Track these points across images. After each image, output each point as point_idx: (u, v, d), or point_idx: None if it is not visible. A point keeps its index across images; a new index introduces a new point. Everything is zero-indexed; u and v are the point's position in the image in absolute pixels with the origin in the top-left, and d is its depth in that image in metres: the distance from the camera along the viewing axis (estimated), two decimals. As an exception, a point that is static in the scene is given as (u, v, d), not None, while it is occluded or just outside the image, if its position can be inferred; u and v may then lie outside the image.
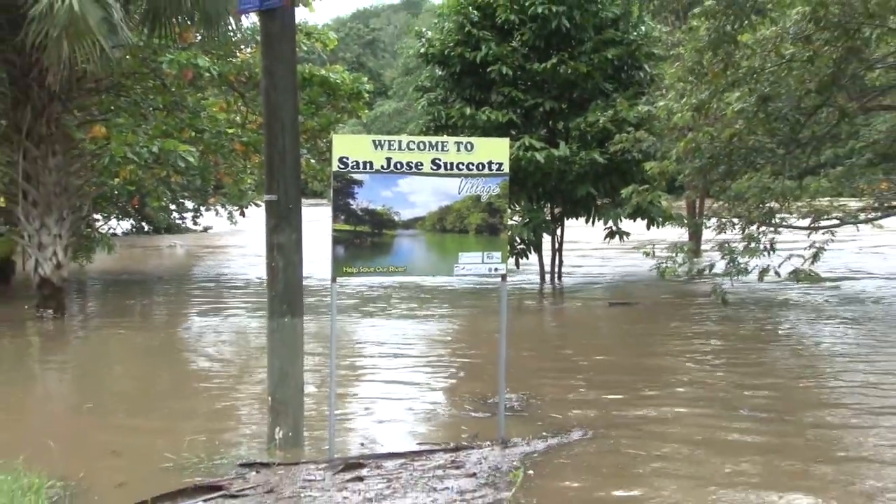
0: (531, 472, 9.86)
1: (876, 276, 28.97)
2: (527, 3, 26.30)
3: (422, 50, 29.19)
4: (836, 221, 25.16)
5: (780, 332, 19.88)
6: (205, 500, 8.83)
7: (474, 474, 9.53)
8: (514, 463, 9.99)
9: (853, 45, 21.11)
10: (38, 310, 21.28)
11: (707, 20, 20.83)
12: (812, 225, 24.64)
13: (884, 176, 26.80)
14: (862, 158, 26.50)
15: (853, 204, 27.35)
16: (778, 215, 23.53)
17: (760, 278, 22.41)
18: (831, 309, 22.50)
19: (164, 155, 25.20)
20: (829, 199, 26.12)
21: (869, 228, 28.34)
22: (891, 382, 14.65)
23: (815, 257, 21.79)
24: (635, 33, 27.00)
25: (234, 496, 8.96)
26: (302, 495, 8.96)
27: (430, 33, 29.66)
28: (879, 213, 25.79)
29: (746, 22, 20.63)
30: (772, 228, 23.11)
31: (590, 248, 32.50)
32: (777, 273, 21.89)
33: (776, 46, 20.98)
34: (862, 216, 26.78)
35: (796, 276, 21.96)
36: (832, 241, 23.17)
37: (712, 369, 16.55)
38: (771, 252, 21.97)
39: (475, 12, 27.11)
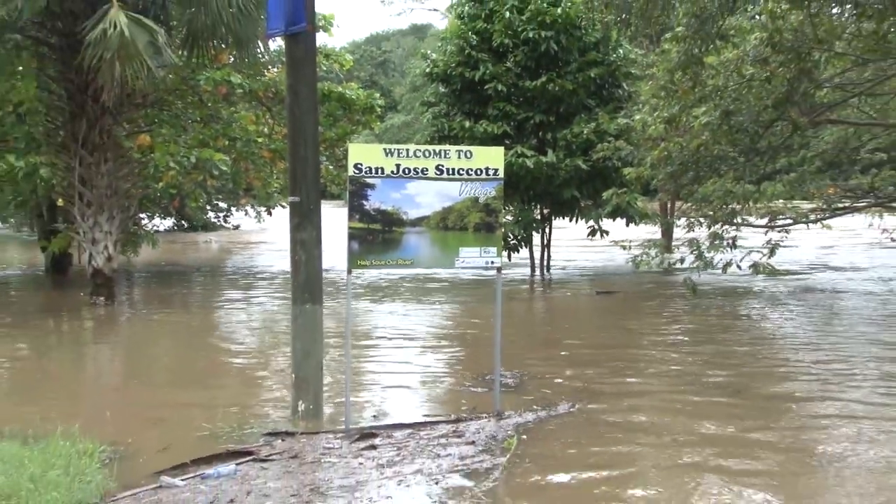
0: (524, 436, 9.98)
1: (825, 269, 28.93)
2: (519, 29, 26.33)
3: (427, 70, 29.20)
4: (790, 221, 25.27)
5: (740, 317, 19.95)
6: (237, 464, 8.91)
7: (473, 442, 9.61)
8: (509, 432, 10.05)
9: (804, 67, 21.14)
10: (91, 297, 21.32)
11: (677, 44, 20.87)
12: (769, 224, 24.81)
13: (830, 181, 27.05)
14: (812, 166, 26.57)
15: (805, 206, 27.42)
16: (739, 216, 23.63)
17: (724, 271, 22.53)
18: (785, 298, 22.55)
19: (201, 162, 25.52)
20: (783, 201, 26.19)
21: (818, 227, 28.38)
22: (833, 359, 14.74)
23: (772, 252, 21.89)
24: (614, 55, 26.99)
25: (262, 460, 9.04)
26: (322, 461, 9.03)
27: (434, 55, 29.69)
28: (827, 214, 25.95)
29: (712, 46, 20.68)
30: (734, 227, 23.21)
31: (574, 244, 32.45)
32: (739, 266, 21.96)
33: (738, 67, 21.03)
34: (812, 217, 26.96)
35: (755, 268, 22.00)
36: (786, 238, 23.30)
37: (681, 349, 16.60)
38: (733, 248, 22.08)
39: (474, 36, 27.10)
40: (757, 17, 20.78)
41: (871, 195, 26.81)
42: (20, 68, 23.47)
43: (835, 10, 20.61)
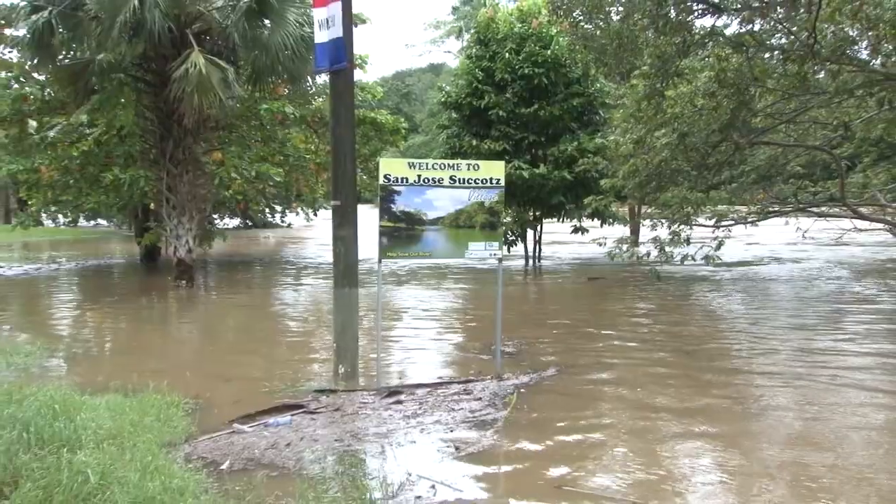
0: (522, 390, 10.04)
1: (759, 262, 28.88)
2: (516, 67, 26.30)
3: (442, 99, 29.16)
4: (732, 222, 25.33)
5: (694, 297, 19.94)
6: (292, 415, 8.98)
7: (480, 398, 9.65)
8: (509, 390, 10.10)
9: (743, 100, 21.12)
10: (175, 281, 21.38)
11: (643, 80, 20.86)
12: (715, 224, 24.88)
13: (763, 190, 27.14)
14: (748, 178, 26.77)
15: (743, 209, 27.52)
16: (692, 217, 23.68)
17: (682, 262, 22.50)
18: (729, 283, 22.55)
19: (260, 174, 25.74)
20: (727, 206, 26.35)
21: (754, 227, 28.47)
22: (767, 332, 14.74)
23: (718, 247, 21.98)
24: (593, 88, 26.93)
25: (311, 413, 9.10)
26: (359, 413, 9.10)
27: (447, 88, 29.64)
28: (760, 216, 26.10)
29: (671, 81, 20.69)
30: (688, 227, 23.27)
31: (560, 240, 32.43)
32: (693, 258, 21.98)
33: (691, 99, 21.03)
34: (749, 218, 27.12)
35: (706, 260, 22.10)
36: (729, 235, 23.32)
37: (646, 322, 16.66)
38: (688, 243, 22.12)
39: (480, 73, 27.06)
40: (706, 59, 20.77)
41: (793, 202, 27.26)
42: (122, 100, 24.02)
43: (766, 55, 20.58)
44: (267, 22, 20.11)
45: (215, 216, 31.35)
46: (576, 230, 28.02)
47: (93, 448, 6.78)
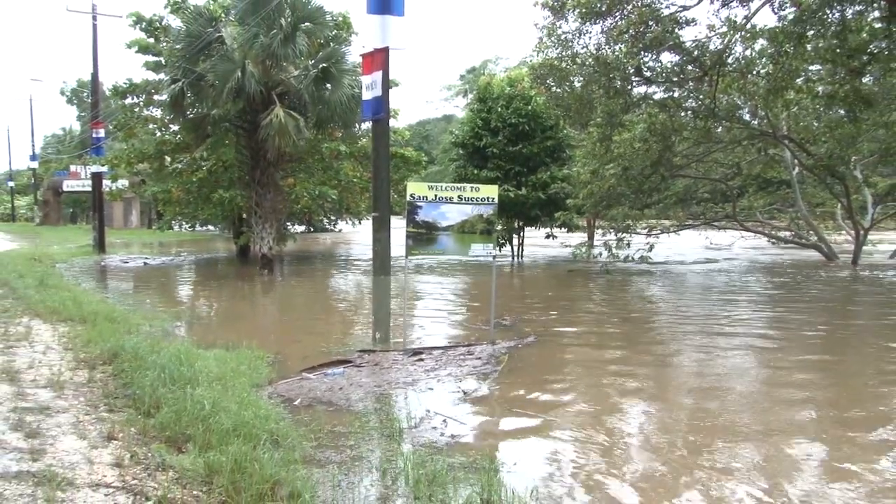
0: (510, 352, 10.06)
1: (679, 262, 28.88)
2: (506, 117, 26.40)
3: (452, 140, 29.61)
4: (660, 231, 25.44)
5: (633, 285, 19.90)
6: (344, 367, 9.04)
7: (480, 358, 9.69)
8: (502, 352, 10.16)
9: (667, 144, 21.34)
10: (260, 270, 21.41)
11: (597, 129, 20.98)
12: (649, 233, 25.01)
13: (681, 209, 27.47)
14: (671, 200, 26.98)
15: (667, 223, 27.66)
16: (632, 228, 23.84)
17: (624, 260, 22.61)
18: (658, 275, 22.50)
19: (321, 193, 25.77)
20: (656, 220, 26.50)
21: (677, 236, 28.56)
22: (682, 308, 14.79)
23: (650, 249, 22.21)
24: (561, 134, 26.89)
25: (357, 366, 9.17)
26: (392, 367, 9.16)
27: (456, 132, 29.97)
28: (680, 228, 26.30)
29: (616, 130, 20.79)
30: (629, 235, 23.40)
31: (537, 243, 32.47)
32: (633, 258, 22.06)
33: (631, 142, 21.14)
34: (672, 229, 27.33)
35: (641, 259, 22.20)
36: (658, 241, 23.44)
37: (599, 302, 16.69)
38: (628, 247, 22.22)
39: (479, 121, 27.10)
40: (641, 115, 20.83)
41: (702, 218, 27.79)
42: (227, 142, 24.68)
43: (683, 114, 20.71)
44: (328, 86, 20.37)
45: (288, 223, 31.37)
46: (548, 236, 28.24)
47: (206, 386, 6.87)
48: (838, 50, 16.18)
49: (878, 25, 17.05)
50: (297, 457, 5.46)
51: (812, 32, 16.26)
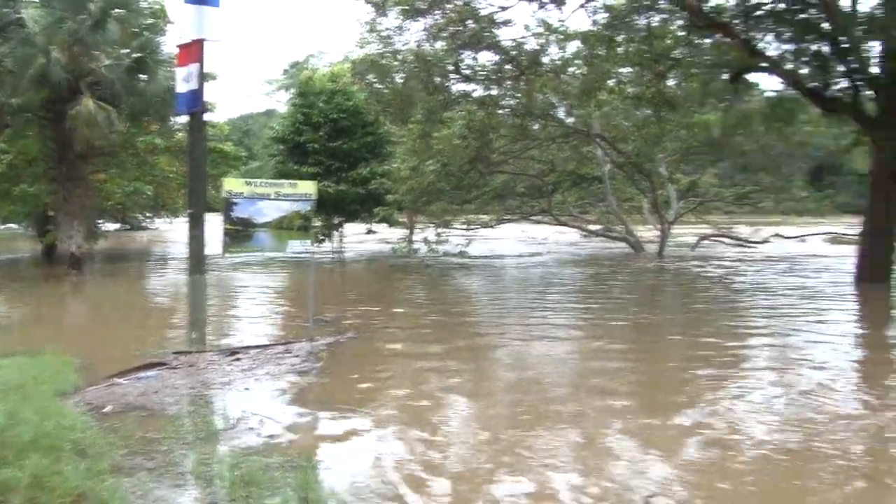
0: (329, 349, 10.01)
1: (497, 256, 29.67)
2: (327, 113, 26.43)
3: (273, 135, 29.42)
4: (479, 227, 26.05)
5: (452, 279, 20.26)
6: (158, 370, 8.71)
7: (298, 356, 9.55)
8: (322, 348, 10.04)
9: (485, 141, 21.89)
10: (68, 271, 20.27)
11: (417, 125, 21.23)
12: (467, 228, 25.54)
13: (498, 205, 28.23)
14: (489, 196, 27.70)
15: (486, 218, 28.36)
16: (451, 223, 24.27)
17: (442, 254, 22.97)
18: (476, 269, 22.98)
19: (136, 189, 24.75)
20: (475, 215, 27.12)
21: (500, 231, 29.38)
22: (497, 299, 15.23)
23: (468, 245, 22.59)
24: (381, 130, 27.19)
25: (172, 368, 8.84)
26: (208, 368, 8.89)
27: (277, 127, 29.89)
28: (497, 222, 27.05)
29: (436, 127, 21.11)
30: (447, 230, 23.82)
31: (359, 239, 32.46)
32: (451, 253, 22.45)
33: (450, 139, 21.51)
34: (491, 224, 28.01)
35: (460, 254, 22.62)
36: (479, 237, 24.03)
37: (418, 295, 16.92)
38: (447, 242, 22.59)
39: (301, 116, 26.99)
40: (461, 112, 21.28)
41: (519, 212, 28.64)
42: (30, 133, 23.09)
43: (500, 111, 21.35)
44: (143, 77, 19.60)
45: (100, 221, 29.81)
46: (368, 232, 28.46)
47: (2, 397, 6.44)
48: (646, 54, 17.17)
49: (680, 33, 18.19)
50: (105, 466, 5.22)
51: (622, 37, 17.18)
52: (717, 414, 7.09)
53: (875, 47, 16.72)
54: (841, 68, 17.15)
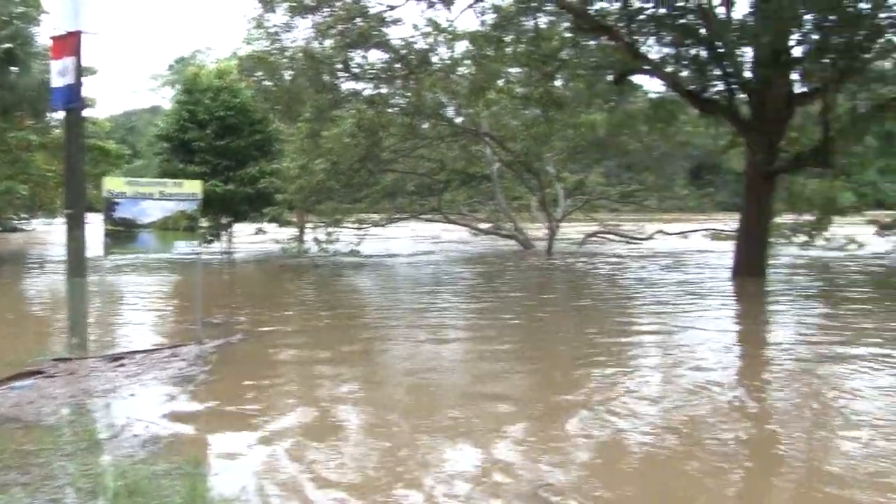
0: (217, 352, 9.71)
1: (387, 255, 29.60)
2: (214, 110, 25.87)
3: (157, 133, 28.55)
4: (370, 225, 26.01)
5: (343, 278, 20.13)
6: (34, 379, 8.24)
7: (186, 360, 9.22)
8: (210, 351, 9.73)
9: (375, 140, 21.83)
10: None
11: (306, 123, 20.98)
12: (358, 227, 25.45)
13: (389, 204, 28.29)
14: (380, 195, 27.67)
15: (376, 216, 28.29)
16: (341, 222, 24.10)
17: (333, 254, 22.79)
18: (366, 268, 22.87)
19: (9, 189, 23.69)
20: (365, 214, 27.05)
21: (391, 230, 29.36)
22: (389, 298, 15.18)
23: (358, 244, 22.48)
24: (270, 128, 26.85)
25: (50, 377, 8.36)
26: (90, 375, 8.46)
27: (161, 124, 29.03)
28: (388, 221, 27.06)
29: (326, 125, 20.91)
30: (338, 229, 23.63)
31: (248, 240, 31.85)
32: (343, 252, 22.30)
33: (340, 138, 21.36)
34: (381, 223, 27.99)
35: (351, 253, 22.47)
36: (370, 236, 24.00)
37: (313, 298, 16.69)
38: (337, 241, 22.43)
39: (186, 114, 26.32)
40: (350, 110, 21.16)
41: (409, 211, 28.77)
42: None
43: (390, 110, 21.37)
44: (15, 69, 18.67)
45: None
46: (258, 232, 28.05)
47: None
48: (533, 55, 17.43)
49: (567, 35, 18.55)
50: (-27, 484, 4.88)
51: (510, 37, 17.39)
52: (608, 410, 7.19)
53: (748, 53, 17.46)
54: (717, 72, 17.89)
